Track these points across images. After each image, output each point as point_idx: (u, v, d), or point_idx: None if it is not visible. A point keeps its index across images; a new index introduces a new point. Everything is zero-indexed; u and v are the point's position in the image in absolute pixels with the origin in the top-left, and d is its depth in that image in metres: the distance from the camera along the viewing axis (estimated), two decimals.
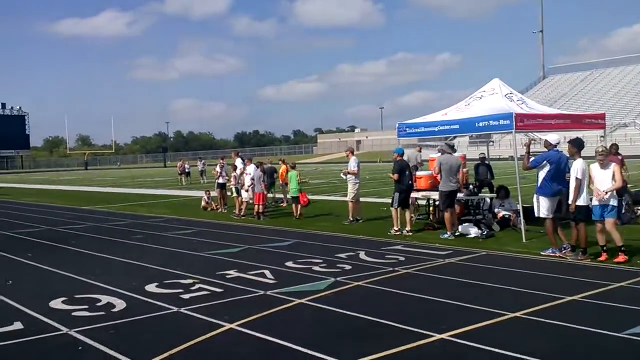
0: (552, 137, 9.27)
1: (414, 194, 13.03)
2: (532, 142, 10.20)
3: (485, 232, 10.73)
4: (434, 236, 10.90)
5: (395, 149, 12.07)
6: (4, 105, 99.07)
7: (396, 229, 11.46)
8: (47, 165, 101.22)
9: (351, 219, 13.19)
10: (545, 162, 8.98)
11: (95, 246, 11.02)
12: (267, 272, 8.07)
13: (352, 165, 13.42)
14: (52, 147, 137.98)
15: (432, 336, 5.17)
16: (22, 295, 7.17)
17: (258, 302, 6.54)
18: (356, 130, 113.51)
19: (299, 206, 14.57)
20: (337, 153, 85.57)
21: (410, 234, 11.23)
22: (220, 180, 17.19)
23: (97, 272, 8.47)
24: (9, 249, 10.90)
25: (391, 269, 8.12)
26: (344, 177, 13.84)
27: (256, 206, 14.78)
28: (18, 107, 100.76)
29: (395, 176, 11.52)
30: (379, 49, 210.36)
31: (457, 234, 10.87)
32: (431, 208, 13.07)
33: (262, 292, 6.95)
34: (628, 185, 12.66)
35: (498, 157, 42.99)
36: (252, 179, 14.78)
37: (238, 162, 16.40)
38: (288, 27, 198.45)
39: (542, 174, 8.97)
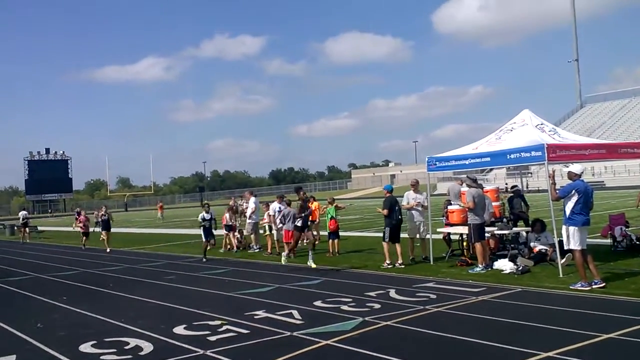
0: (576, 167, 9.09)
1: (447, 229, 12.86)
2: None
3: (521, 268, 10.42)
4: (467, 273, 10.65)
5: (385, 186, 12.87)
6: (48, 150, 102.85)
7: (388, 262, 11.86)
8: (89, 208, 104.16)
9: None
10: (573, 191, 8.78)
11: (128, 288, 11.16)
12: (295, 312, 8.00)
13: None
14: (93, 190, 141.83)
15: None
16: (53, 338, 7.28)
17: (284, 343, 6.46)
18: (390, 165, 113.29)
19: (336, 242, 14.51)
20: (372, 188, 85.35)
21: (403, 266, 11.69)
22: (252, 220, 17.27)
23: (129, 314, 8.54)
24: (45, 292, 11.13)
25: (422, 307, 7.94)
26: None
27: (286, 244, 14.76)
28: (62, 152, 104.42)
29: (385, 211, 12.04)
30: (411, 84, 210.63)
31: (491, 269, 10.61)
32: (465, 243, 12.81)
33: (288, 333, 6.87)
34: None
35: (537, 188, 42.14)
36: (283, 216, 14.85)
37: (251, 201, 16.64)
38: (319, 66, 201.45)
39: (570, 204, 8.76)
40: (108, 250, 19.56)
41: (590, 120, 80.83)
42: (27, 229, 28.92)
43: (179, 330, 7.32)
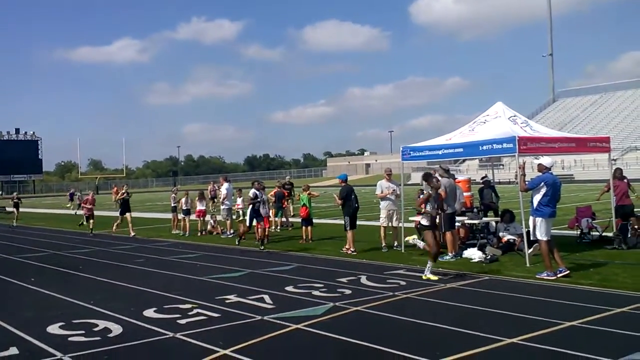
0: (546, 160, 9.28)
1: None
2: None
3: (490, 257, 10.63)
4: (437, 261, 10.80)
5: (339, 175, 13.18)
6: (17, 130, 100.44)
7: (353, 249, 12.19)
8: (59, 190, 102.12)
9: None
10: (542, 184, 8.98)
11: (98, 271, 11.06)
12: (266, 297, 8.04)
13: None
14: (64, 172, 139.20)
15: None
16: (21, 320, 7.19)
17: (255, 327, 6.50)
18: (365, 154, 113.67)
19: (309, 229, 14.58)
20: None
21: (355, 253, 12.03)
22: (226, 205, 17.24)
23: (98, 297, 8.48)
24: (14, 274, 10.96)
25: (391, 293, 8.06)
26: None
27: (260, 230, 14.78)
28: (32, 133, 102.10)
29: (340, 201, 12.39)
30: (388, 74, 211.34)
31: (461, 257, 10.82)
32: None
33: (259, 318, 6.92)
34: (636, 209, 12.54)
35: (508, 180, 42.80)
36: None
37: (224, 187, 16.72)
38: (297, 53, 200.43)
39: (538, 196, 8.97)
40: (132, 234, 17.87)
41: (562, 114, 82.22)
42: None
43: (149, 313, 7.30)
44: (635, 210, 12.46)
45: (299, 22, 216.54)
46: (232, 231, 16.71)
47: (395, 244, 12.67)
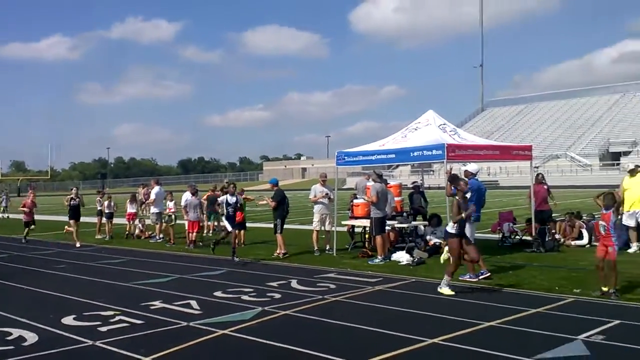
0: (472, 167, 9.65)
1: (351, 222, 13.21)
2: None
3: (417, 260, 10.90)
4: (367, 264, 10.97)
5: (270, 180, 13.51)
6: None
7: (284, 251, 12.27)
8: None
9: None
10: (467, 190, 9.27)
11: (15, 277, 10.48)
12: (193, 302, 7.88)
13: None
14: None
15: None
16: None
17: (179, 334, 6.35)
18: (302, 158, 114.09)
19: (242, 233, 14.41)
20: (283, 180, 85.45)
21: (287, 255, 12.20)
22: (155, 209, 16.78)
23: (15, 304, 8.05)
24: None
25: (321, 297, 8.10)
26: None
27: (190, 234, 14.52)
28: None
29: (274, 204, 12.43)
30: (326, 80, 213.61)
31: (390, 260, 11.02)
32: (367, 236, 13.18)
33: (185, 324, 6.76)
34: (553, 215, 13.22)
35: (438, 185, 44.13)
36: (186, 206, 14.63)
37: (153, 191, 16.36)
38: (236, 57, 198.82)
39: None
40: (78, 245, 15.52)
41: (490, 123, 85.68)
42: None
43: (68, 320, 6.99)
44: (553, 215, 13.13)
45: (239, 26, 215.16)
46: (160, 236, 16.28)
47: (327, 247, 12.75)
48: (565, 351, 5.41)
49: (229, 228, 12.20)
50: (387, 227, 11.88)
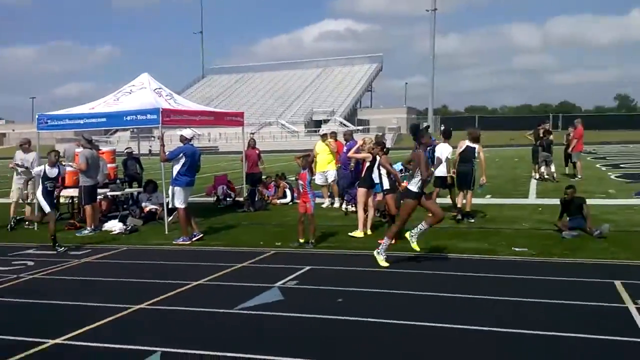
0: (187, 132, 9.75)
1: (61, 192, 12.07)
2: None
3: (130, 227, 10.59)
4: (74, 236, 10.24)
5: None
6: None
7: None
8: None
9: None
10: (182, 154, 9.37)
11: None
12: None
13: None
14: None
15: (44, 343, 4.80)
16: None
17: None
18: (0, 122, 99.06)
19: None
20: None
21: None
22: None
23: None
24: None
25: (15, 276, 7.28)
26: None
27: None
28: None
29: None
30: (31, 33, 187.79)
31: (101, 230, 10.50)
32: (75, 206, 12.25)
33: None
34: (263, 177, 14.24)
35: (149, 150, 43.29)
36: None
37: None
38: None
39: (177, 166, 9.35)
40: None
41: (210, 90, 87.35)
42: None
43: None
44: (262, 177, 14.13)
45: None
46: None
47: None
48: (263, 298, 5.94)
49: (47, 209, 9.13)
50: (99, 196, 11.23)
